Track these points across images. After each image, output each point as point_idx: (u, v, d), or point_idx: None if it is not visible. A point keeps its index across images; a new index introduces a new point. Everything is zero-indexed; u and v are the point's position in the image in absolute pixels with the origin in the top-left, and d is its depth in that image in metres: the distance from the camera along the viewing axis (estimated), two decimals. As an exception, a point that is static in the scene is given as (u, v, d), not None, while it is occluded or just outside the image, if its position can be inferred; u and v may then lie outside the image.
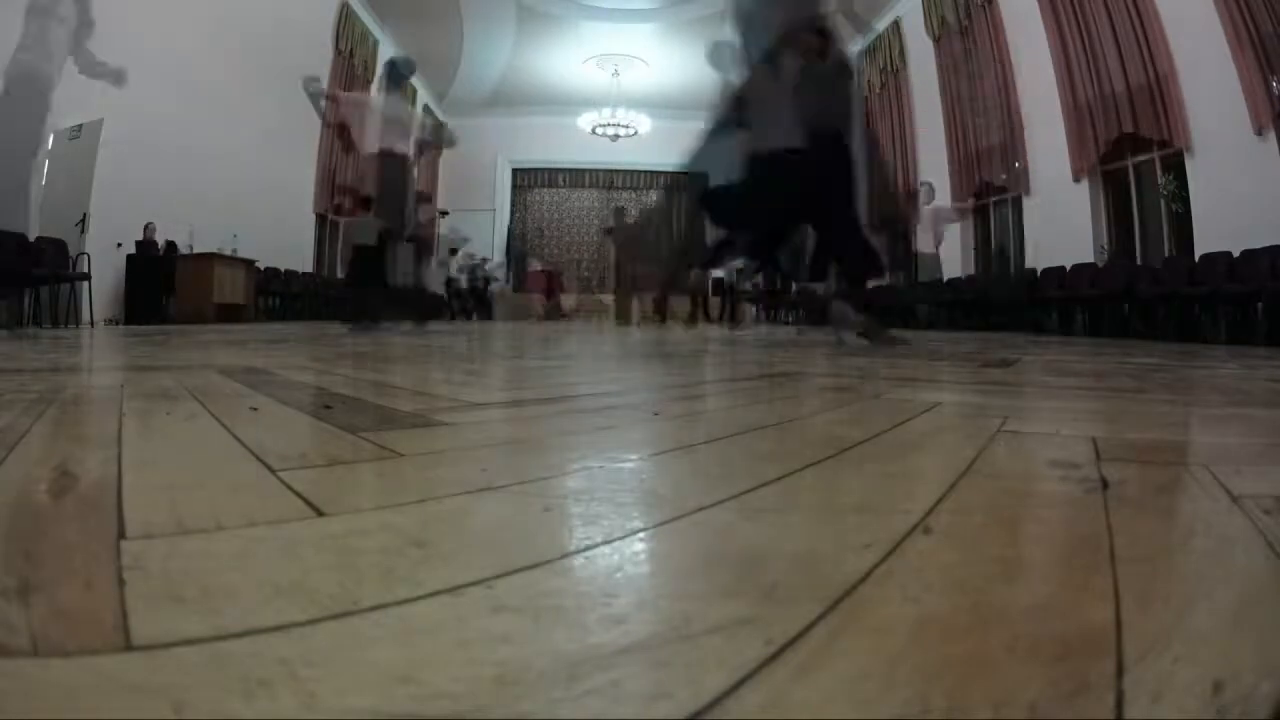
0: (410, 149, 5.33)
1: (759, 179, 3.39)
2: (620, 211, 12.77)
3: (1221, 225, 5.95)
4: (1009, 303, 7.87)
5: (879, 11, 11.77)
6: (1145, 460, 0.77)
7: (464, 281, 13.50)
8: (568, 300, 15.59)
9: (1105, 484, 0.64)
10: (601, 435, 0.95)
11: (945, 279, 9.05)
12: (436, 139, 6.18)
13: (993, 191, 9.44)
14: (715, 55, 4.16)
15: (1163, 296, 6.16)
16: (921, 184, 9.08)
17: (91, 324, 6.28)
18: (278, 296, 9.55)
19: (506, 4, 12.86)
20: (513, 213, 18.39)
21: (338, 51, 11.26)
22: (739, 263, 9.53)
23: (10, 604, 0.35)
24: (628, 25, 13.62)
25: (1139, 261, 7.19)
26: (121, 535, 0.46)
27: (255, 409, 1.09)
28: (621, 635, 0.33)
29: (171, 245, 7.49)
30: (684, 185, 17.39)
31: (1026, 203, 8.72)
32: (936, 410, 1.19)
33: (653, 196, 18.66)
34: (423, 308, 6.21)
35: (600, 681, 0.29)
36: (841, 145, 3.39)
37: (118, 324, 6.83)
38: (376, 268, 5.37)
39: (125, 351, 2.72)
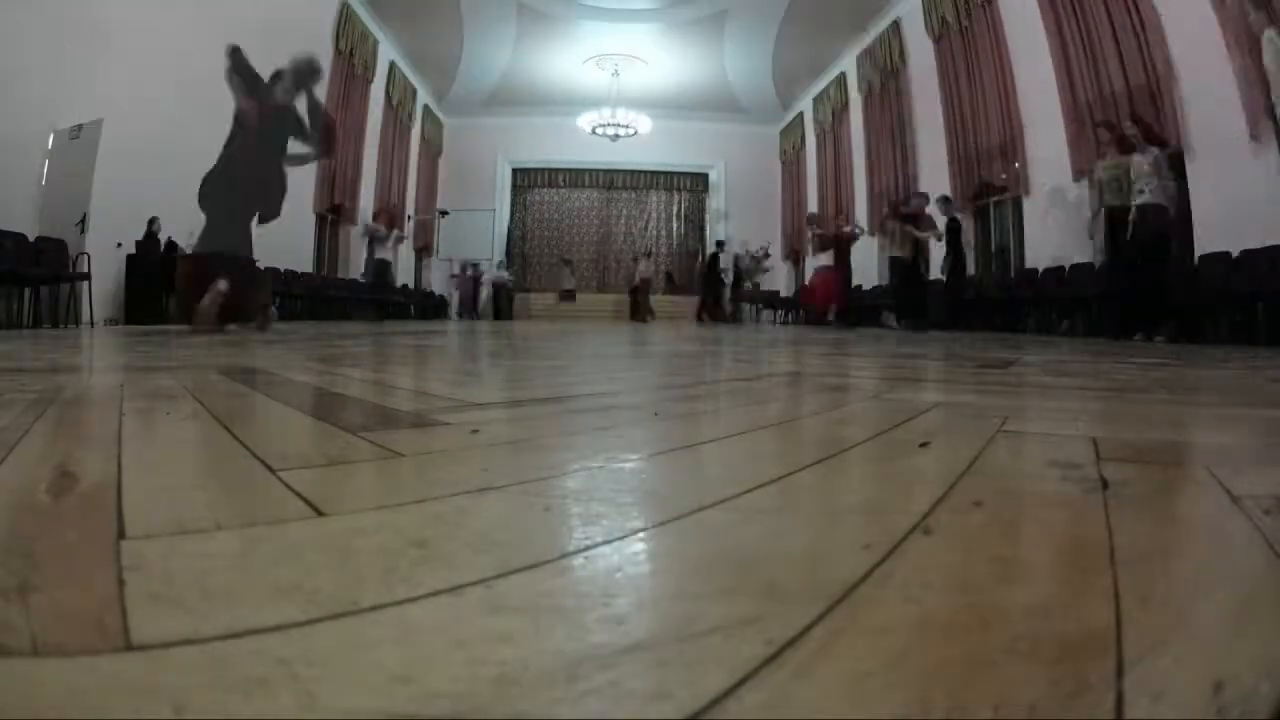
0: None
1: None
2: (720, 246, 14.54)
3: (1221, 225, 5.95)
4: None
5: (879, 11, 11.78)
6: (1145, 460, 0.77)
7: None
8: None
9: (1105, 484, 0.64)
10: (601, 436, 0.95)
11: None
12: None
13: (992, 192, 9.43)
14: None
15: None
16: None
17: (91, 324, 6.28)
18: (278, 296, 9.55)
19: (506, 4, 12.84)
20: (512, 213, 18.38)
21: (338, 51, 11.25)
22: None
23: (10, 604, 0.35)
24: (628, 25, 13.60)
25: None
26: (121, 535, 0.46)
27: (255, 409, 1.09)
28: (621, 635, 0.33)
29: (172, 244, 7.49)
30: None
31: (1026, 203, 8.72)
32: (936, 410, 1.19)
33: (652, 197, 18.70)
34: None
35: (600, 681, 0.28)
36: None
37: (117, 324, 6.82)
38: None
39: (125, 351, 2.72)
